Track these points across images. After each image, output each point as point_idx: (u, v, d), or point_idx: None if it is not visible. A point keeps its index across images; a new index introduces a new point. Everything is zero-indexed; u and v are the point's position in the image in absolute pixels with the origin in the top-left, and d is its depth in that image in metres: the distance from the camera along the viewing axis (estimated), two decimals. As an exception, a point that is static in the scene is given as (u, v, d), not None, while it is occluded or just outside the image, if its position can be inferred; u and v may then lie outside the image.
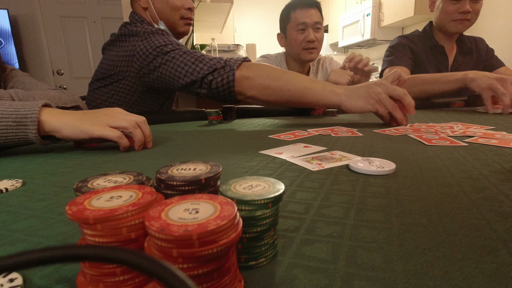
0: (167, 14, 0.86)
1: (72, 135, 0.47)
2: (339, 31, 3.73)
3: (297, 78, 0.69)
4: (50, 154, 0.49)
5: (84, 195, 0.16)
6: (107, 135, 0.47)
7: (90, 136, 0.47)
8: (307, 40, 1.15)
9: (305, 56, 1.19)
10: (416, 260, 0.17)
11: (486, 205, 0.24)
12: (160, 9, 0.86)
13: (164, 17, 0.87)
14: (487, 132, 0.54)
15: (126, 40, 0.81)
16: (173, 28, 0.89)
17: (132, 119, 0.50)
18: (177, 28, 0.89)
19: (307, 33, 1.15)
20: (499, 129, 0.58)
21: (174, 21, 0.88)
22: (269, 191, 0.17)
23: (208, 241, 0.12)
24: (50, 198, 0.29)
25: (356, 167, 0.34)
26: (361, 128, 0.65)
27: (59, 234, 0.22)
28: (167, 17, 0.87)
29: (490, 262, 0.17)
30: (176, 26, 0.89)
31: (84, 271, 0.14)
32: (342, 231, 0.21)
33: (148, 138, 0.51)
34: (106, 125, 0.48)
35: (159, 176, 0.19)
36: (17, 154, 0.50)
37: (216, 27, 2.97)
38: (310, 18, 1.15)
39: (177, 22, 0.88)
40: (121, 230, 0.14)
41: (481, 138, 0.49)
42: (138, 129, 0.50)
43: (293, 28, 1.18)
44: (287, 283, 0.16)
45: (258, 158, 0.42)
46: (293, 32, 1.18)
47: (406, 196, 0.26)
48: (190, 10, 0.88)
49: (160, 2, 0.85)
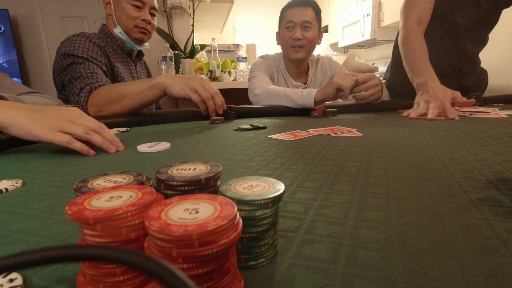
0: (123, 21, 1.02)
1: (19, 135, 0.45)
2: (339, 31, 3.72)
3: (126, 86, 0.81)
4: (50, 154, 0.49)
5: (84, 195, 0.16)
6: (56, 140, 0.45)
7: (38, 139, 0.45)
8: (293, 38, 1.16)
9: (291, 54, 1.20)
10: (416, 260, 0.17)
11: (486, 204, 0.24)
12: (118, 16, 1.02)
13: (120, 23, 1.02)
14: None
15: None
16: (128, 33, 1.04)
17: (89, 125, 0.48)
18: (131, 34, 1.04)
19: (294, 31, 1.17)
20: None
21: (129, 27, 1.03)
22: (269, 191, 0.17)
23: (208, 241, 0.12)
24: (50, 198, 0.29)
25: None
26: (361, 128, 0.65)
27: (59, 234, 0.22)
28: (123, 23, 1.02)
29: (490, 262, 0.17)
30: (130, 32, 1.04)
31: (84, 271, 0.14)
32: (342, 231, 0.21)
33: (114, 143, 0.49)
34: (58, 129, 0.46)
35: (159, 176, 0.19)
36: (17, 154, 0.50)
37: (216, 27, 2.97)
38: (299, 16, 1.16)
39: (131, 29, 1.03)
40: (121, 230, 0.14)
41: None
42: (95, 135, 0.47)
43: (283, 26, 1.21)
44: (287, 283, 0.16)
45: (258, 158, 0.42)
46: (283, 30, 1.21)
47: (406, 196, 0.26)
48: (145, 21, 1.03)
49: (119, 10, 1.02)
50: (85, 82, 0.85)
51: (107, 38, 1.04)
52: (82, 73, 0.87)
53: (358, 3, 3.39)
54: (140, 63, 1.20)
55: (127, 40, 1.04)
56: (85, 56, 0.90)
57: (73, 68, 0.88)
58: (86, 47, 0.92)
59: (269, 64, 1.26)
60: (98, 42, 0.97)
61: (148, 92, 0.79)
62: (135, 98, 0.80)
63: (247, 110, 0.95)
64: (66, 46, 0.91)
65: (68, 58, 0.90)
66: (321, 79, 1.29)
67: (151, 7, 1.05)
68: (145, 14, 1.04)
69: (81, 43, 0.92)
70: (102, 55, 0.96)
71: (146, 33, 1.05)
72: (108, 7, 1.04)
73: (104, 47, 0.99)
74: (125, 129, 0.74)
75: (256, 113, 0.96)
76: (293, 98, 0.97)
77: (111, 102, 0.81)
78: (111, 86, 0.83)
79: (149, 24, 1.05)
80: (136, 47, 1.08)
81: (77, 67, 0.88)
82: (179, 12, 2.23)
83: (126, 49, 1.07)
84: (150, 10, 1.05)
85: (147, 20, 1.03)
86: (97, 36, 1.01)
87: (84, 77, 0.86)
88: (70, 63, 0.89)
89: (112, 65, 1.00)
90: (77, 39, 0.93)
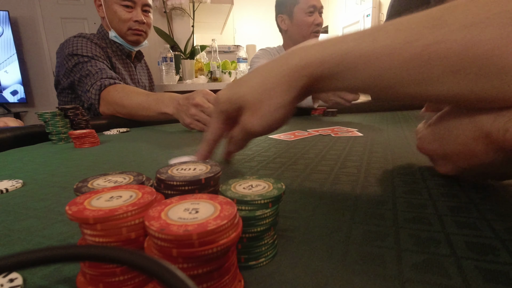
0: (115, 24, 0.99)
1: None
2: (339, 32, 3.73)
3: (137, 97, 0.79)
4: (50, 154, 0.49)
5: (84, 195, 0.16)
6: None
7: None
8: (316, 23, 1.13)
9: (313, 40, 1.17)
10: (416, 259, 0.17)
11: (487, 205, 0.24)
12: (110, 19, 0.99)
13: (113, 27, 1.00)
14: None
15: None
16: (123, 37, 1.01)
17: None
18: (126, 37, 1.01)
19: (315, 16, 1.13)
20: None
21: (122, 31, 1.00)
22: (269, 191, 0.17)
23: (208, 241, 0.12)
24: (50, 198, 0.29)
25: None
26: (361, 128, 0.65)
27: (60, 234, 0.22)
28: (116, 27, 0.99)
29: (489, 262, 0.17)
30: (125, 36, 1.01)
31: (84, 271, 0.14)
32: (342, 230, 0.21)
33: None
34: None
35: (159, 176, 0.19)
36: (17, 154, 0.50)
37: (216, 28, 2.97)
38: (319, 1, 1.13)
39: (125, 32, 1.00)
40: (121, 230, 0.14)
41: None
42: None
43: (302, 10, 1.14)
44: (287, 283, 0.16)
45: (258, 158, 0.42)
46: (302, 14, 1.15)
47: (405, 196, 0.26)
48: (138, 22, 0.99)
49: (110, 14, 0.98)
50: (95, 78, 0.85)
51: (106, 40, 1.03)
52: (91, 71, 0.86)
53: (358, 3, 3.39)
54: (141, 64, 1.19)
55: (123, 43, 1.03)
56: (90, 55, 0.90)
57: (80, 67, 0.88)
58: (89, 46, 0.92)
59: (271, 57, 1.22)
60: (99, 42, 0.97)
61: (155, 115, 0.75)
62: (139, 114, 0.78)
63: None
64: (69, 47, 0.91)
65: (73, 58, 0.89)
66: None
67: (143, 4, 1.01)
68: (137, 14, 0.99)
69: (83, 43, 0.92)
70: (104, 55, 0.96)
71: (141, 34, 1.02)
72: (101, 10, 1.01)
73: (104, 48, 0.98)
74: (126, 130, 0.74)
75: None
76: None
77: (120, 106, 0.80)
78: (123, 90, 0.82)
79: (143, 24, 1.01)
80: (133, 49, 1.07)
81: (84, 66, 0.88)
82: (179, 13, 2.24)
83: (125, 51, 1.05)
84: (143, 7, 1.01)
85: (140, 20, 0.99)
86: (97, 37, 1.00)
87: (93, 73, 0.86)
88: (76, 63, 0.89)
89: (114, 66, 0.99)
90: (78, 40, 0.92)
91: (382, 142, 0.50)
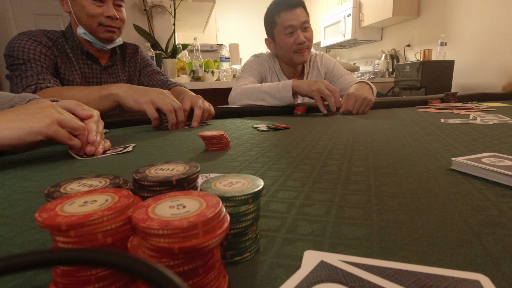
0: (84, 21, 0.89)
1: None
2: (321, 31, 3.78)
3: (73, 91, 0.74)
4: (22, 157, 0.47)
5: (56, 201, 0.15)
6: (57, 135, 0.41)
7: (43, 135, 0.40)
8: (297, 43, 1.10)
9: (297, 59, 1.14)
10: (394, 255, 0.17)
11: (461, 199, 0.25)
12: (78, 15, 0.89)
13: (82, 23, 0.89)
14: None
15: None
16: (94, 34, 0.91)
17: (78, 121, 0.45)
18: (97, 34, 0.91)
19: (296, 35, 1.10)
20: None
21: (92, 27, 0.89)
22: (249, 187, 0.18)
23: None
24: (22, 204, 0.28)
25: None
26: (344, 124, 0.66)
27: (31, 242, 0.21)
28: (85, 23, 0.89)
29: (464, 254, 0.17)
30: (96, 33, 0.90)
31: (56, 280, 0.14)
32: (323, 229, 0.21)
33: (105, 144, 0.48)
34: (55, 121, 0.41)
35: (135, 175, 0.18)
36: (-14, 158, 0.47)
37: (198, 26, 2.94)
38: (297, 19, 1.09)
39: (95, 28, 0.89)
40: (96, 235, 0.14)
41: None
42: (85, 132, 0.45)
43: (281, 32, 1.12)
44: (269, 282, 0.15)
45: (241, 158, 0.41)
46: (282, 37, 1.12)
47: (385, 193, 0.27)
48: (110, 18, 0.89)
49: (77, 9, 0.88)
50: (28, 82, 0.80)
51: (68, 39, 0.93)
52: (27, 74, 0.81)
53: (339, 3, 3.45)
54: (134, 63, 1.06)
55: (94, 41, 0.92)
56: (25, 58, 0.83)
57: (14, 69, 0.83)
58: (27, 48, 0.84)
59: (262, 64, 1.21)
60: (46, 41, 0.87)
61: (98, 103, 0.71)
62: None
63: (225, 111, 0.93)
64: (7, 47, 0.85)
65: (8, 59, 0.84)
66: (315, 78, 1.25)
67: None
68: (108, 9, 0.89)
69: (22, 44, 0.84)
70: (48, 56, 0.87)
71: (114, 31, 0.92)
72: (65, 4, 0.89)
73: (52, 47, 0.88)
74: (105, 131, 0.72)
75: (237, 113, 0.95)
76: (269, 92, 0.94)
77: None
78: (57, 90, 0.76)
79: (116, 20, 0.91)
80: (106, 47, 0.95)
81: (18, 68, 0.82)
82: (160, 11, 2.19)
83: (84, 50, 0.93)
84: (115, 1, 0.90)
85: (112, 16, 0.89)
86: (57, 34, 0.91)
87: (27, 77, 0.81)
88: (10, 64, 0.84)
89: (58, 66, 0.89)
90: (18, 40, 0.85)
91: (363, 140, 0.51)
